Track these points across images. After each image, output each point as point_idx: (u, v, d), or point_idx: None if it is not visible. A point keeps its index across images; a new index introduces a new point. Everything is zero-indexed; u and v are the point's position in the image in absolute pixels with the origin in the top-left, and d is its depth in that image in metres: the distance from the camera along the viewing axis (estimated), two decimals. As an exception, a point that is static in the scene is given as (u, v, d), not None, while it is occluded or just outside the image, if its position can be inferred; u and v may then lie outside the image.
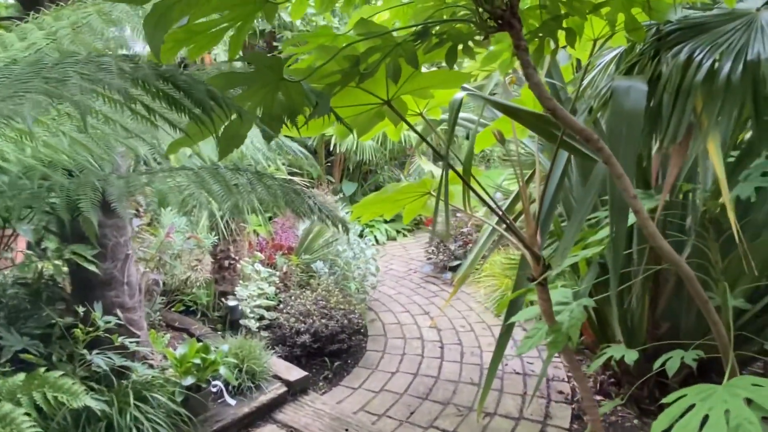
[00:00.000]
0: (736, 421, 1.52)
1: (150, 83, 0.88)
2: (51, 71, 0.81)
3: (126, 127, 2.00)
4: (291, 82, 1.43)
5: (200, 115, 0.98)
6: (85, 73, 0.82)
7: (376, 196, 3.29)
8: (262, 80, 1.36)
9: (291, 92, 1.47)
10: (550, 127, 2.35)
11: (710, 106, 1.61)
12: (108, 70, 0.84)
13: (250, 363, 3.12)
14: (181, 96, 0.94)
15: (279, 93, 1.47)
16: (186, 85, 0.93)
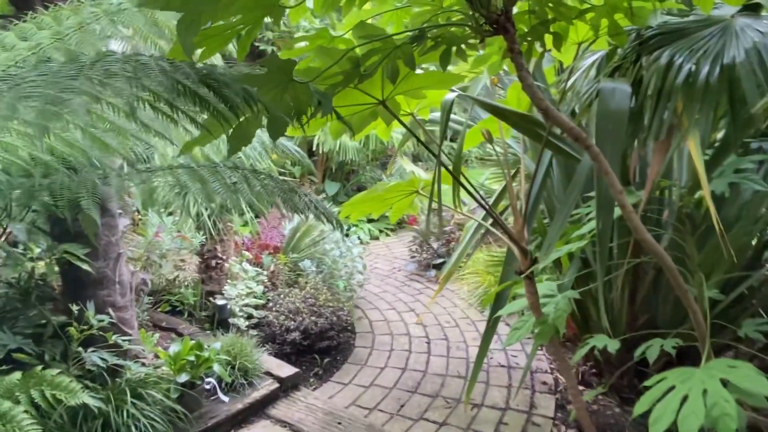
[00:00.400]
0: (713, 400, 1.63)
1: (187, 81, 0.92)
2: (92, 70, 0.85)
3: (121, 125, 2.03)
4: (299, 83, 1.50)
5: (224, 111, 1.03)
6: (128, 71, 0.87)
7: (366, 195, 3.37)
8: (275, 81, 1.42)
9: (299, 93, 1.53)
10: (535, 127, 2.47)
11: (690, 107, 1.72)
12: (149, 69, 0.89)
13: (242, 360, 3.15)
14: (209, 94, 0.98)
15: (287, 93, 1.53)
16: (222, 84, 0.98)
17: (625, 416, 3.08)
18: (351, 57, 1.80)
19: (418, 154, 9.48)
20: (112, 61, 0.88)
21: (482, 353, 2.90)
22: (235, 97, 1.00)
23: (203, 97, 0.98)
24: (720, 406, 1.60)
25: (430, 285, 5.57)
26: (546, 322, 2.49)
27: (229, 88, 0.98)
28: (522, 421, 3.05)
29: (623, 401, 3.22)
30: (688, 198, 2.51)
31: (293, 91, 1.52)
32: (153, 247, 3.75)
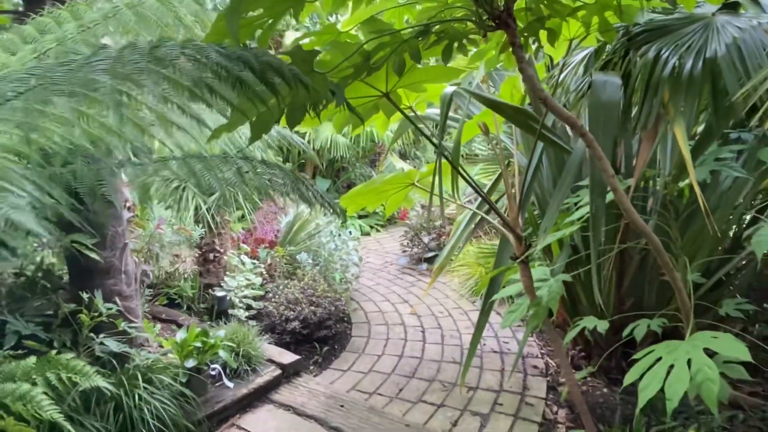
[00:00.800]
0: (697, 367, 1.78)
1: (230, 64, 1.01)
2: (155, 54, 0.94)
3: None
4: (318, 74, 1.60)
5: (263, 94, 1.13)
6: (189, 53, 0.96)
7: (363, 188, 3.49)
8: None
9: (317, 83, 1.64)
10: (528, 119, 2.61)
11: (676, 97, 1.87)
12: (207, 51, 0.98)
13: (245, 347, 3.24)
14: (250, 77, 1.08)
15: (305, 83, 1.63)
16: (271, 68, 1.07)
17: (613, 396, 3.24)
18: (362, 51, 1.91)
19: (405, 152, 9.62)
20: (172, 47, 0.97)
21: (477, 336, 3.03)
22: (281, 78, 1.09)
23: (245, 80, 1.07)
24: (703, 372, 1.75)
25: (422, 278, 5.70)
26: (540, 304, 2.62)
27: (275, 70, 1.08)
28: (516, 401, 3.19)
29: (611, 382, 3.38)
30: (672, 186, 2.67)
31: (312, 82, 1.63)
32: (154, 240, 3.81)
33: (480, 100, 2.77)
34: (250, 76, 1.07)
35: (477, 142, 7.94)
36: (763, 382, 3.29)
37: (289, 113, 1.68)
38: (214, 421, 2.86)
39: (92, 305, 2.73)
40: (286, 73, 1.09)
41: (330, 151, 7.52)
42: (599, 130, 1.92)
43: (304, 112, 1.72)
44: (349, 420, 2.90)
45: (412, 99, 2.94)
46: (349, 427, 2.82)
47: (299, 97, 1.68)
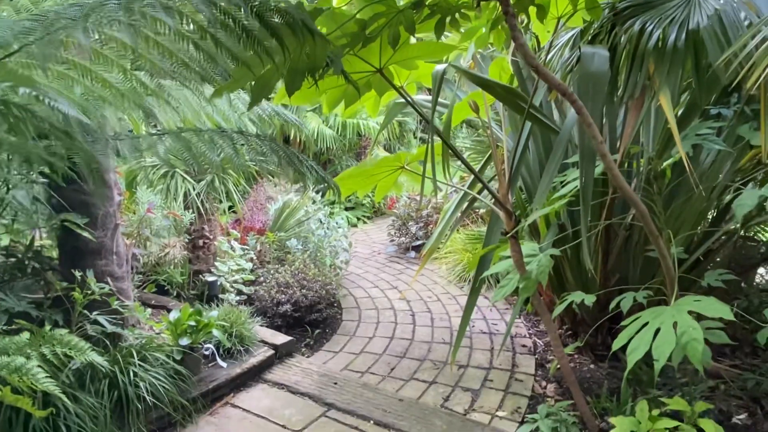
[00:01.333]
0: (682, 329, 1.85)
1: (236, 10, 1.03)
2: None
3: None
4: (320, 37, 1.63)
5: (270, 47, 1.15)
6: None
7: (355, 170, 3.53)
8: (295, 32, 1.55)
9: (317, 48, 1.67)
10: (517, 99, 2.67)
11: (661, 68, 1.94)
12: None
13: (238, 328, 3.25)
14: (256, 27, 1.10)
15: (306, 47, 1.66)
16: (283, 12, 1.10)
17: (600, 371, 3.33)
18: (358, 20, 1.95)
19: (390, 146, 9.68)
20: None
21: (467, 314, 3.08)
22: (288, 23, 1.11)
23: (250, 30, 1.10)
24: (688, 333, 1.82)
25: (411, 266, 5.76)
26: (530, 278, 2.69)
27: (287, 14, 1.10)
28: (506, 378, 3.26)
29: (597, 358, 3.46)
30: (656, 162, 2.75)
31: (312, 45, 1.66)
32: (144, 223, 3.79)
33: (470, 79, 2.82)
34: (256, 24, 1.10)
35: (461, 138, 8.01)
36: (743, 356, 3.40)
37: (289, 77, 1.70)
38: (208, 399, 2.87)
39: (84, 284, 2.72)
40: (294, 15, 1.11)
41: (317, 142, 7.53)
42: (588, 99, 1.98)
43: (303, 78, 1.75)
44: (343, 396, 2.93)
45: (403, 78, 2.99)
46: (343, 403, 2.86)
47: (300, 61, 1.71)
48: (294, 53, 1.67)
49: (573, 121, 2.43)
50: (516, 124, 3.55)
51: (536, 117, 2.62)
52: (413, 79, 3.14)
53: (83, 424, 2.32)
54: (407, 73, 2.98)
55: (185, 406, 2.70)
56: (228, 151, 2.18)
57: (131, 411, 2.51)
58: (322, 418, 2.74)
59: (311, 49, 1.68)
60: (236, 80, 1.57)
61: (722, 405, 2.80)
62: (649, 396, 2.86)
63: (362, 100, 3.02)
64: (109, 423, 2.43)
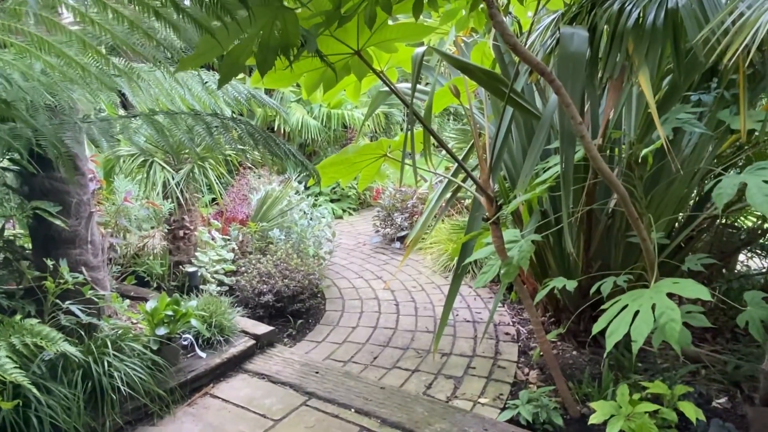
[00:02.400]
0: (661, 311, 1.84)
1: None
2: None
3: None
4: (288, 11, 1.58)
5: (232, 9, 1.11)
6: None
7: (336, 158, 3.48)
8: (265, 2, 1.50)
9: (287, 23, 1.62)
10: (498, 83, 2.64)
11: (640, 47, 1.92)
12: None
13: (218, 318, 3.20)
14: None
15: (277, 22, 1.62)
16: None
17: (582, 357, 3.33)
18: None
19: (376, 137, 9.62)
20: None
21: (450, 301, 3.06)
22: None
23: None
24: (666, 314, 1.81)
25: (395, 256, 5.73)
26: (511, 263, 2.67)
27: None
28: (488, 365, 3.25)
29: (579, 345, 3.47)
30: (637, 146, 2.74)
31: (283, 20, 1.61)
32: (121, 213, 3.71)
33: (450, 62, 2.79)
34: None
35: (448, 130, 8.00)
36: (723, 341, 3.43)
37: (260, 55, 1.65)
38: (187, 390, 2.82)
39: (56, 274, 2.65)
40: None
41: (301, 133, 7.46)
42: (568, 79, 1.96)
43: (275, 56, 1.70)
44: (325, 385, 2.90)
45: (383, 62, 2.94)
46: (324, 391, 2.82)
47: (271, 37, 1.66)
48: (265, 28, 1.62)
49: (555, 105, 2.41)
50: (498, 110, 3.53)
51: (517, 102, 2.60)
52: (394, 64, 3.10)
53: (55, 415, 2.26)
54: (387, 56, 2.94)
55: (162, 397, 2.65)
56: (202, 134, 2.12)
57: (106, 402, 2.46)
58: (303, 407, 2.71)
59: (282, 25, 1.64)
60: (202, 53, 1.51)
61: (702, 389, 2.82)
62: (630, 381, 2.86)
63: (342, 85, 2.98)
64: (83, 414, 2.37)
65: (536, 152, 2.31)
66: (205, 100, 2.63)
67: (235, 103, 2.49)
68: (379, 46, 2.47)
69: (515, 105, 2.63)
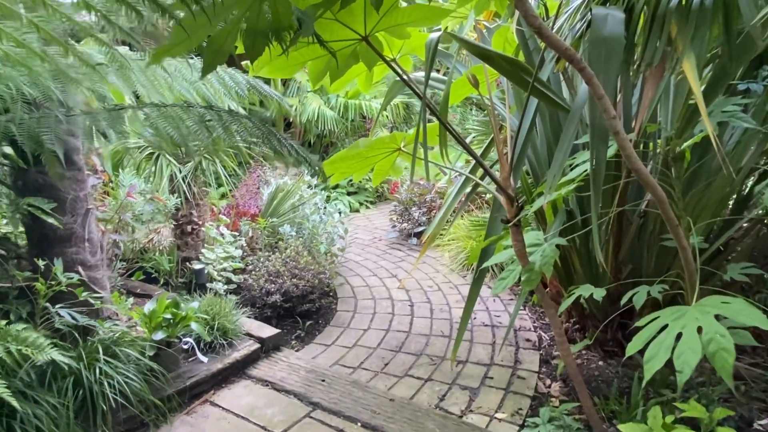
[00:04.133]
0: (709, 336, 1.59)
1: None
2: None
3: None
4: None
5: None
6: None
7: (347, 152, 3.27)
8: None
9: (277, 3, 1.42)
10: (521, 72, 2.39)
11: (684, 30, 1.67)
12: None
13: (221, 320, 3.05)
14: None
15: (265, 4, 1.42)
16: None
17: (609, 369, 3.09)
18: (333, -26, 1.69)
19: (397, 128, 9.38)
20: None
21: (469, 308, 2.85)
22: None
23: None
24: (716, 341, 1.57)
25: (412, 253, 5.53)
26: (533, 270, 2.44)
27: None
28: (507, 375, 3.03)
29: (607, 354, 3.23)
30: (675, 142, 2.48)
31: (272, 2, 1.41)
32: (125, 209, 3.59)
33: (468, 49, 2.55)
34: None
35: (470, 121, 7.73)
36: (764, 353, 3.15)
37: (248, 40, 1.46)
38: (186, 397, 2.68)
39: (49, 275, 2.53)
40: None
41: (317, 124, 7.27)
42: (600, 67, 1.72)
43: (265, 41, 1.50)
44: (330, 395, 2.73)
45: (396, 49, 2.72)
46: (329, 402, 2.65)
47: (259, 20, 1.46)
48: (252, 10, 1.42)
49: (585, 96, 2.16)
50: (521, 101, 3.28)
51: (543, 93, 2.36)
52: (408, 51, 2.87)
53: (42, 426, 2.13)
54: (400, 43, 2.72)
55: (159, 406, 2.51)
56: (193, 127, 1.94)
57: (98, 411, 2.32)
58: (306, 419, 2.54)
59: (272, 5, 1.43)
60: (178, 42, 1.32)
61: (742, 410, 2.56)
62: (662, 399, 2.62)
63: (351, 74, 2.76)
64: (73, 424, 2.24)
65: (565, 149, 2.07)
66: (204, 92, 2.45)
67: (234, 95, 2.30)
68: (389, 31, 2.25)
69: (540, 96, 2.39)
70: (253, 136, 2.03)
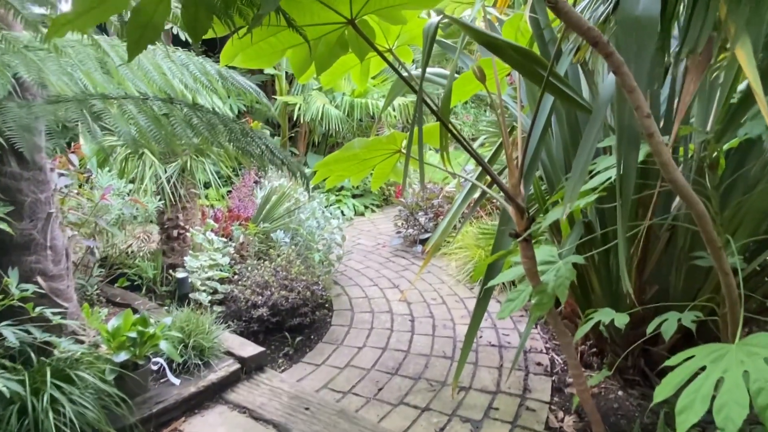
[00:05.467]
0: (758, 384, 1.26)
1: None
2: None
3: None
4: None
5: None
6: None
7: (342, 153, 2.94)
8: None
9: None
10: (535, 65, 2.06)
11: (737, 9, 1.34)
12: None
13: (197, 338, 2.77)
14: None
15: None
16: None
17: (630, 400, 2.75)
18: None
19: (404, 127, 9.05)
20: None
21: (472, 330, 2.53)
22: None
23: None
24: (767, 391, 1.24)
25: (416, 261, 5.20)
26: (545, 291, 2.12)
27: None
28: (515, 405, 2.70)
29: (627, 383, 2.88)
30: (713, 146, 2.13)
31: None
32: (101, 212, 3.32)
33: (473, 37, 2.23)
34: None
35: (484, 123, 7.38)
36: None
37: (187, 13, 1.16)
38: (151, 425, 2.40)
39: (0, 285, 2.26)
40: None
41: (321, 123, 6.98)
42: (631, 53, 1.39)
43: (210, 14, 1.20)
44: (313, 426, 2.42)
45: (392, 37, 2.40)
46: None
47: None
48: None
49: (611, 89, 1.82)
50: (535, 99, 2.95)
51: (559, 89, 2.03)
52: (407, 41, 2.55)
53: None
54: (396, 30, 2.40)
55: (118, 437, 2.22)
56: (144, 122, 1.65)
57: (45, 445, 2.04)
58: (283, 457, 2.25)
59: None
60: (83, 11, 1.03)
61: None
62: (693, 442, 2.28)
63: (342, 66, 2.46)
64: (14, 461, 1.97)
65: (587, 153, 1.74)
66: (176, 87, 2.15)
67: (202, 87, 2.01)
68: (380, 14, 1.95)
69: (556, 92, 2.05)
70: (220, 133, 1.73)
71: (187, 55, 1.98)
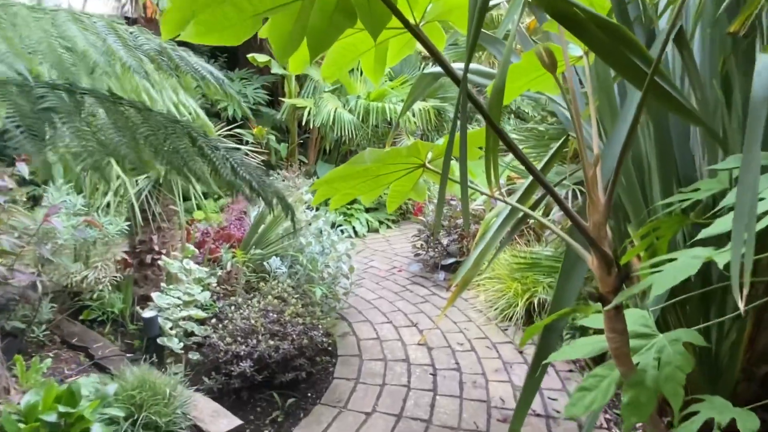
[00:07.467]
0: None
1: None
2: None
3: None
4: None
5: None
6: None
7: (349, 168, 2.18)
8: None
9: None
10: (629, 51, 1.31)
11: None
12: None
13: (152, 410, 2.08)
14: None
15: None
16: None
17: None
18: None
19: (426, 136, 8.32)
20: None
21: (518, 420, 1.81)
22: None
23: None
24: None
25: (438, 291, 4.47)
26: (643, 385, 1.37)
27: None
28: None
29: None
30: None
31: None
32: (47, 237, 2.68)
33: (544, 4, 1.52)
34: None
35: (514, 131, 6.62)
36: None
37: None
38: None
39: None
40: None
41: (333, 129, 6.31)
42: None
43: None
44: None
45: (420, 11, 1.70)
46: None
47: None
48: None
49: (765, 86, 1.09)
50: (609, 98, 2.22)
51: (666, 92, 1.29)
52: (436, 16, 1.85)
53: None
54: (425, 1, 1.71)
55: None
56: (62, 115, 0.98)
57: None
58: None
59: None
60: None
61: None
62: None
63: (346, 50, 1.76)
64: None
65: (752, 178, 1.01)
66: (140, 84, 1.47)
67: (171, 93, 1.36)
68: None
69: (661, 95, 1.32)
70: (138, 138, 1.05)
71: (109, 23, 1.32)
